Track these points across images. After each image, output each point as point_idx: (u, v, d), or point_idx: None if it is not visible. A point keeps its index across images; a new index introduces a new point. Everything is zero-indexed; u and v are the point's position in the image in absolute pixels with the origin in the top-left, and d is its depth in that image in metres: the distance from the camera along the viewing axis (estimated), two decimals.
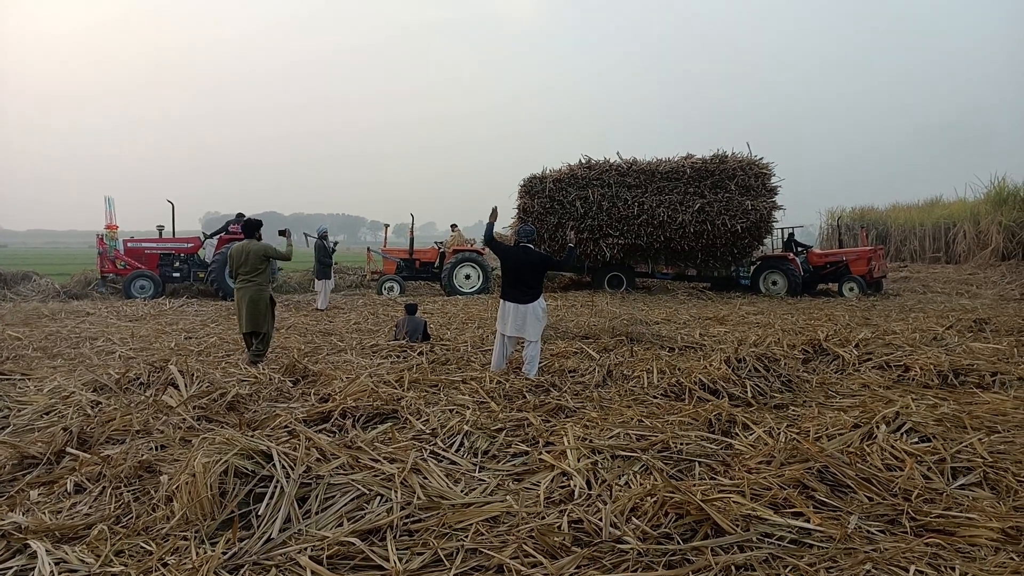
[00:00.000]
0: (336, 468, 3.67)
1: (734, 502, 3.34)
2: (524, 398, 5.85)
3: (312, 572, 2.86)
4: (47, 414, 5.13)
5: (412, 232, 18.61)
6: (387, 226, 20.46)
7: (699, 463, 4.15)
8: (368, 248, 19.77)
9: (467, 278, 17.69)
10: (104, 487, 3.69)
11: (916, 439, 4.40)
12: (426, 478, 3.78)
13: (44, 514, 3.41)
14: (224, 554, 2.94)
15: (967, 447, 4.23)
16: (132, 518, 3.37)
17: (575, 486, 3.74)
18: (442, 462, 4.19)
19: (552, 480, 3.87)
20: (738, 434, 4.71)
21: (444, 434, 4.62)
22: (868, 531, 3.23)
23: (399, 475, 3.67)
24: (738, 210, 16.73)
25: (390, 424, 4.91)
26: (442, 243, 19.71)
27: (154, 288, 15.72)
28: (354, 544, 3.04)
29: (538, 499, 3.61)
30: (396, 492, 3.50)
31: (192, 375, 5.89)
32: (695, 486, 3.62)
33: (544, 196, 17.31)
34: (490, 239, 7.19)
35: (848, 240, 28.78)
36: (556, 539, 3.10)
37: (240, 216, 17.69)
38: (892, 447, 4.16)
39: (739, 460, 4.15)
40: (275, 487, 3.37)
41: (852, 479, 3.71)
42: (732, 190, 16.96)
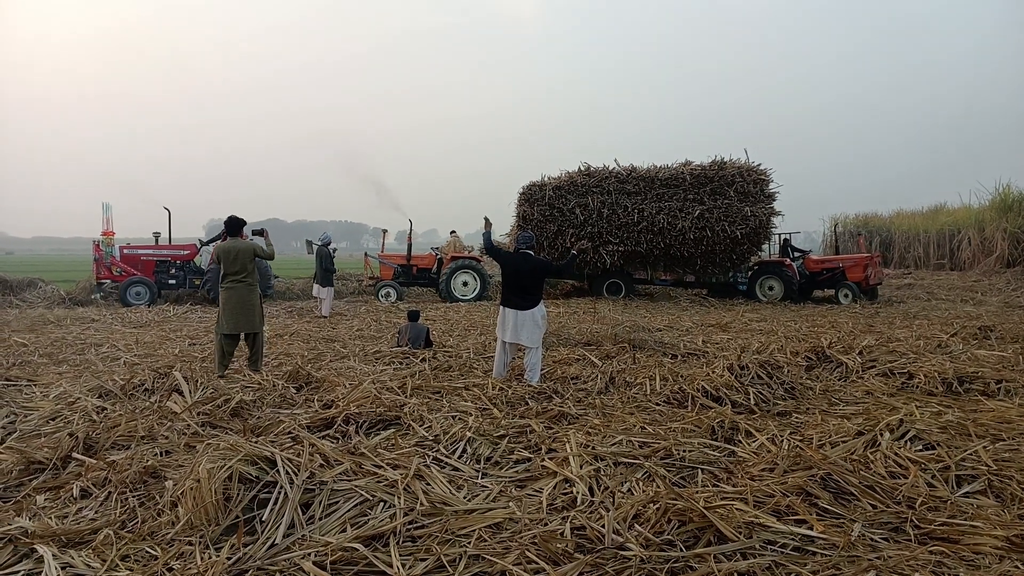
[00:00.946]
0: (339, 474, 3.69)
1: (737, 509, 3.34)
2: (526, 405, 5.86)
3: None
4: (53, 420, 5.16)
5: (410, 238, 18.61)
6: (385, 231, 20.38)
7: (702, 470, 4.16)
8: (366, 253, 19.71)
9: (465, 285, 17.71)
10: (110, 492, 3.71)
11: (920, 447, 4.39)
12: (429, 484, 3.79)
13: (50, 519, 3.42)
14: (229, 559, 2.95)
15: (972, 455, 4.22)
16: (137, 523, 3.38)
17: (577, 493, 3.75)
18: (445, 468, 4.19)
19: (554, 487, 3.87)
20: (741, 441, 4.71)
21: (447, 440, 4.62)
22: (872, 539, 3.23)
23: (402, 481, 3.69)
24: (737, 216, 16.80)
25: (393, 430, 4.92)
26: (438, 248, 19.69)
27: (150, 295, 15.66)
28: (357, 550, 3.05)
29: (541, 506, 3.62)
30: (399, 498, 3.51)
31: (196, 381, 5.92)
32: (698, 493, 3.62)
33: (544, 204, 17.34)
34: (490, 246, 7.23)
35: (851, 247, 28.79)
36: (559, 546, 3.10)
37: (243, 222, 17.70)
38: (896, 455, 4.16)
39: (742, 467, 4.15)
40: (279, 493, 3.38)
41: (856, 487, 3.70)
42: (731, 196, 17.02)
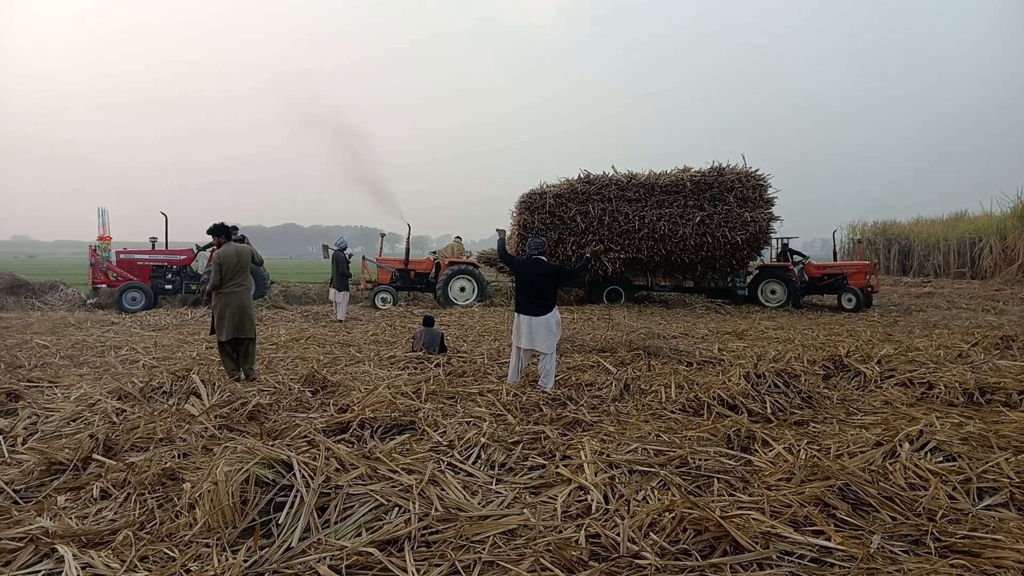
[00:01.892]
0: (355, 478, 3.70)
1: (753, 519, 3.32)
2: (541, 411, 5.85)
3: None
4: (74, 421, 5.23)
5: (408, 242, 18.57)
6: (383, 235, 20.22)
7: (718, 479, 4.12)
8: (364, 257, 19.64)
9: (462, 290, 17.68)
10: (129, 494, 3.75)
11: (941, 458, 4.33)
12: (444, 490, 3.80)
13: (71, 519, 3.47)
14: (245, 562, 2.98)
15: (993, 467, 4.15)
16: (156, 524, 3.42)
17: (592, 500, 3.74)
18: (459, 474, 4.20)
19: (569, 494, 3.86)
20: (757, 450, 4.67)
21: (461, 446, 4.63)
22: (891, 551, 3.19)
23: (417, 486, 3.70)
24: (737, 222, 16.82)
25: (408, 435, 4.93)
26: (436, 252, 19.58)
27: (145, 300, 15.52)
28: (372, 554, 3.06)
29: (555, 513, 3.61)
30: (414, 503, 3.52)
31: (214, 384, 5.97)
32: (714, 502, 3.59)
33: (544, 212, 17.25)
34: (503, 253, 7.26)
35: (851, 254, 28.53)
36: (573, 553, 3.10)
37: (234, 228, 17.73)
38: (916, 466, 4.11)
39: (758, 477, 4.12)
40: (295, 496, 3.40)
41: (875, 498, 3.66)
42: (731, 202, 17.04)
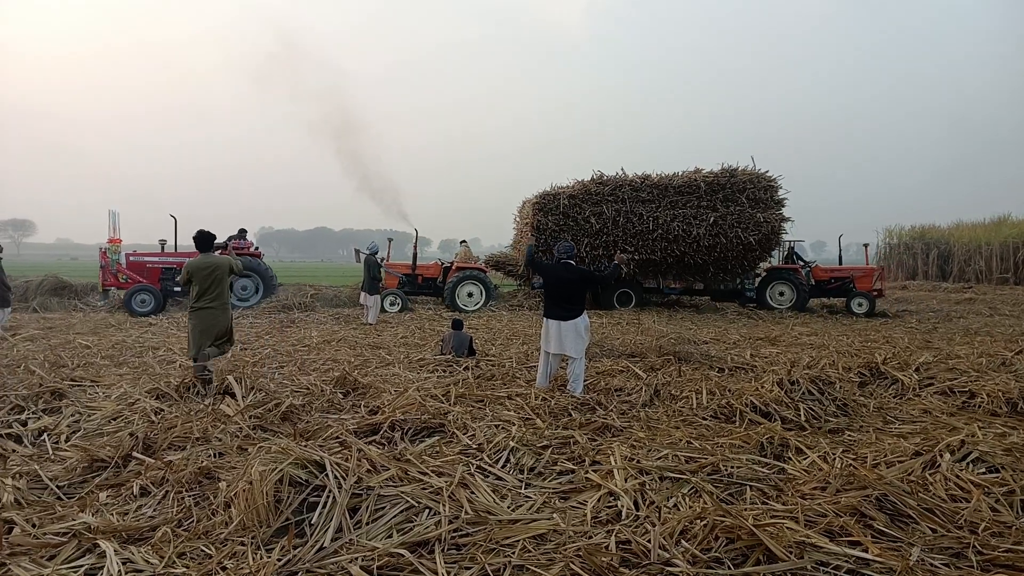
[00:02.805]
0: (386, 480, 3.73)
1: (787, 528, 3.26)
2: (570, 416, 5.84)
3: None
4: (114, 419, 5.37)
5: (416, 247, 18.52)
6: (390, 240, 20.19)
7: (750, 487, 4.07)
8: None
9: (469, 295, 17.61)
10: (167, 491, 3.84)
11: (983, 469, 4.21)
12: (473, 493, 3.81)
13: (112, 515, 3.57)
14: (279, 561, 3.03)
15: None
16: (193, 522, 3.49)
17: (622, 506, 3.71)
18: (488, 477, 4.21)
19: (599, 499, 3.85)
20: (791, 458, 4.60)
21: (490, 449, 4.64)
22: (931, 564, 3.11)
23: (447, 489, 3.72)
24: (750, 222, 16.82)
25: (437, 438, 4.96)
26: (455, 257, 19.46)
27: (155, 302, 15.52)
28: (403, 556, 3.09)
29: (585, 518, 3.60)
30: (444, 506, 3.54)
31: (248, 385, 6.08)
32: (746, 510, 3.55)
33: (558, 213, 17.20)
34: (531, 259, 7.27)
35: (884, 258, 27.97)
36: (604, 559, 3.08)
37: (242, 232, 17.46)
38: (957, 477, 4.00)
39: (792, 485, 4.05)
40: (327, 497, 3.45)
41: (914, 509, 3.57)
42: (743, 203, 17.03)
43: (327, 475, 3.57)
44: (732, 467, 4.31)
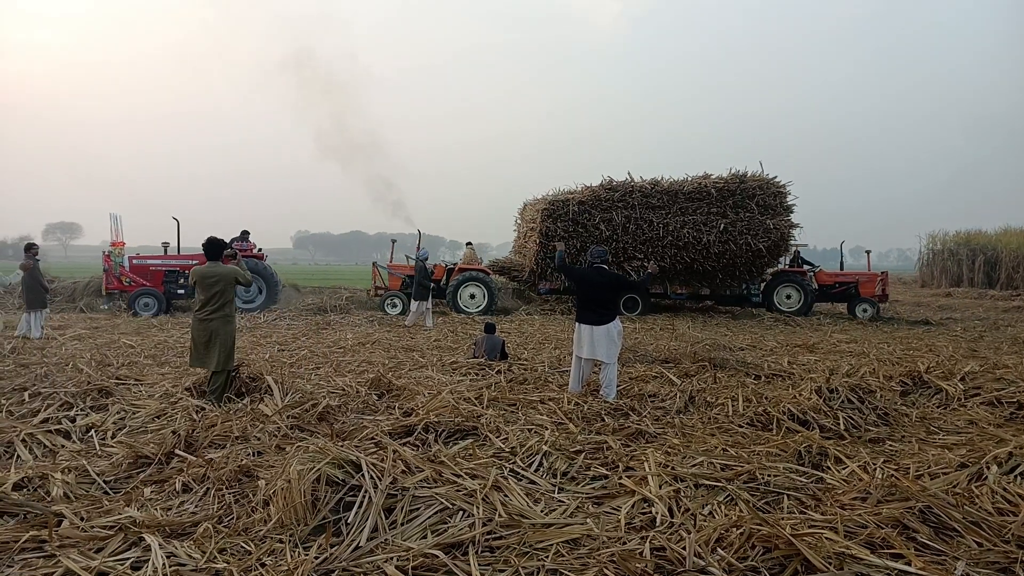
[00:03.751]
0: (420, 481, 3.77)
1: (826, 538, 3.20)
2: (603, 421, 5.82)
3: None
4: (158, 417, 5.53)
5: (419, 248, 18.47)
6: (394, 241, 20.08)
7: (787, 496, 4.01)
8: (374, 264, 19.46)
9: (472, 297, 17.51)
10: (208, 488, 3.94)
11: None
12: (507, 496, 3.82)
13: (156, 510, 3.67)
14: (316, 559, 3.08)
15: None
16: (233, 519, 3.58)
17: (657, 513, 3.69)
18: (521, 481, 4.22)
19: (633, 505, 3.83)
20: (830, 468, 4.51)
21: (523, 453, 4.65)
22: None
23: (481, 491, 3.74)
24: (760, 229, 16.66)
25: (471, 440, 4.99)
26: (446, 262, 19.33)
27: (158, 305, 15.62)
28: (438, 557, 3.11)
29: (619, 524, 3.58)
30: (478, 508, 3.56)
31: (286, 386, 6.20)
32: (784, 519, 3.49)
33: (567, 219, 17.05)
34: (562, 264, 7.28)
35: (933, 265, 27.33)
36: (638, 565, 3.07)
37: (244, 234, 17.32)
38: (1004, 490, 3.87)
39: (831, 495, 3.98)
40: (363, 497, 3.50)
41: (959, 522, 3.48)
42: (753, 209, 16.89)
43: (363, 475, 3.62)
44: (769, 475, 4.25)
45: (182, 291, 16.70)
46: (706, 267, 17.05)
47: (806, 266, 19.04)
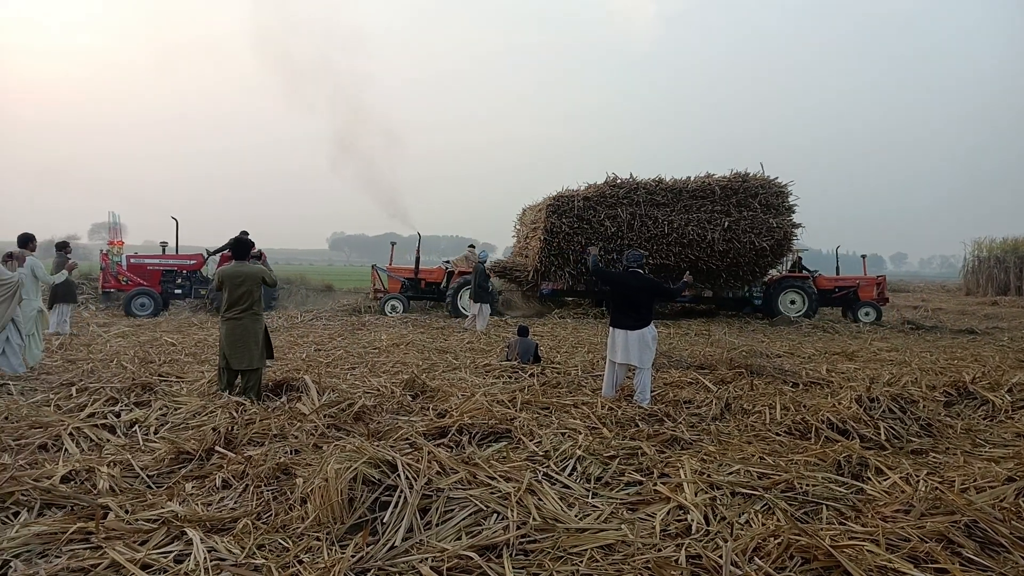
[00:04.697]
0: (455, 482, 3.80)
1: (868, 551, 3.14)
2: (637, 426, 5.77)
3: None
4: (199, 414, 5.65)
5: (418, 251, 18.28)
6: (393, 244, 20.13)
7: (826, 506, 3.93)
8: (373, 266, 19.43)
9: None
10: (247, 485, 4.02)
11: None
12: (541, 500, 3.82)
13: (197, 505, 3.76)
14: (353, 557, 3.12)
15: None
16: (271, 516, 3.64)
17: (692, 521, 3.65)
18: (555, 485, 4.21)
19: (668, 512, 3.79)
20: (870, 479, 4.41)
21: (557, 457, 4.64)
22: None
23: (515, 494, 3.74)
24: (763, 228, 16.70)
25: (504, 443, 5.00)
26: (449, 261, 19.10)
27: (154, 306, 15.62)
28: (472, 558, 3.12)
29: (654, 531, 3.55)
30: (512, 511, 3.56)
31: (322, 385, 6.29)
32: (823, 530, 3.43)
33: (572, 216, 16.91)
34: (596, 268, 7.25)
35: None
36: (673, 573, 3.04)
37: (243, 234, 17.88)
38: None
39: (872, 507, 3.89)
40: (399, 497, 3.53)
41: (1006, 537, 3.36)
42: (756, 208, 16.93)
43: (399, 475, 3.65)
44: (807, 485, 4.17)
45: (180, 291, 16.73)
46: (710, 265, 17.01)
47: (805, 271, 19.03)
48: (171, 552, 3.18)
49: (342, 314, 16.52)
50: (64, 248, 12.07)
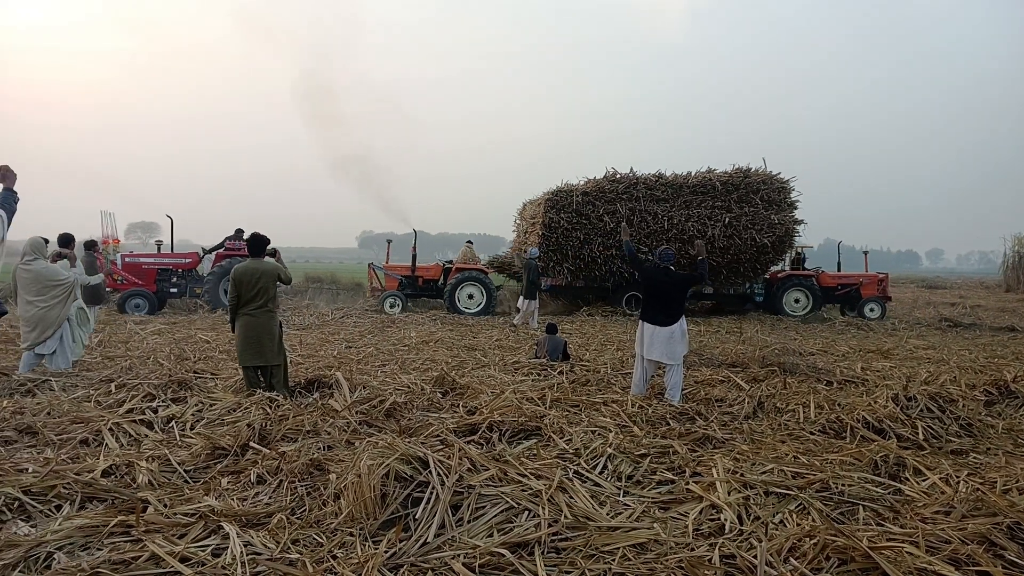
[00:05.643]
0: (486, 479, 3.81)
1: (907, 552, 3.07)
2: (668, 425, 5.73)
3: None
4: (233, 410, 5.75)
5: (415, 248, 18.04)
6: (389, 242, 19.98)
7: (863, 507, 3.85)
8: (370, 264, 19.25)
9: (470, 297, 17.06)
10: (281, 480, 4.07)
11: None
12: (572, 498, 3.81)
13: (233, 500, 3.83)
14: (386, 553, 3.15)
15: None
16: (305, 511, 3.69)
17: (726, 520, 3.61)
18: (586, 483, 4.20)
19: (700, 511, 3.76)
20: (908, 479, 4.31)
21: (587, 455, 4.63)
22: None
23: (546, 492, 3.74)
24: (764, 224, 16.47)
25: (535, 441, 5.00)
26: (450, 261, 18.78)
27: (149, 306, 15.49)
28: (504, 556, 3.13)
29: (686, 530, 3.52)
30: (543, 508, 3.56)
31: (354, 382, 6.35)
32: (860, 531, 3.36)
33: (571, 211, 16.70)
34: (633, 255, 7.15)
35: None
36: (707, 572, 3.01)
37: (239, 232, 17.01)
38: None
39: (910, 508, 3.80)
40: (431, 493, 3.55)
41: None
42: (757, 204, 16.69)
43: (431, 472, 3.67)
44: (843, 485, 4.10)
45: (175, 289, 16.58)
46: (711, 261, 16.60)
47: (807, 270, 18.78)
48: (208, 546, 3.25)
49: (372, 312, 16.66)
50: (92, 247, 12.29)
